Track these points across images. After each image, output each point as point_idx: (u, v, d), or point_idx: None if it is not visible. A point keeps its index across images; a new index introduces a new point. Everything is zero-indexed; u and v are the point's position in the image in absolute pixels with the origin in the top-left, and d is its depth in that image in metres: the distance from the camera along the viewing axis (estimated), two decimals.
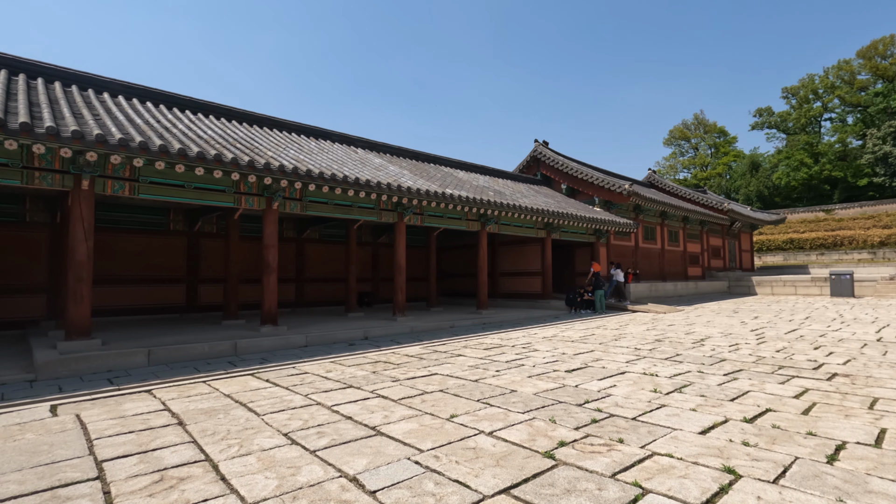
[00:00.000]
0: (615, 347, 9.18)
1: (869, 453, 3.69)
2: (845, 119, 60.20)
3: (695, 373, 6.77)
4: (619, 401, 5.32)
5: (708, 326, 12.45)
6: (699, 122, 74.10)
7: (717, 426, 4.38)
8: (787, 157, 58.98)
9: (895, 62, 54.36)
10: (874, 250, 41.48)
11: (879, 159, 48.35)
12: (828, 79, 60.13)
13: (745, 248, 39.38)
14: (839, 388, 5.81)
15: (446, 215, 14.67)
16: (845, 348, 8.71)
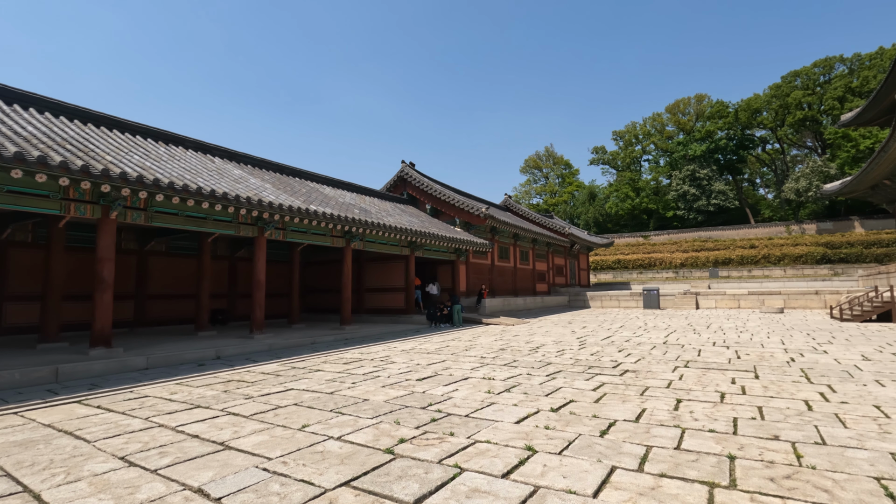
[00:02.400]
0: (464, 357, 10.16)
1: (629, 427, 4.89)
2: (658, 161, 72.90)
3: (524, 375, 7.92)
4: (457, 402, 6.09)
5: (545, 336, 14.28)
6: (549, 155, 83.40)
7: (530, 416, 5.35)
8: (617, 190, 69.30)
9: (691, 118, 67.69)
10: (677, 270, 50.66)
11: (680, 196, 59.48)
12: (646, 127, 72.42)
13: (583, 266, 45.18)
14: (626, 381, 7.34)
15: (311, 231, 14.63)
16: (640, 350, 10.82)
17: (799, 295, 26.96)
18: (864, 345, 11.06)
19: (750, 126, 60.50)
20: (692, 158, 59.81)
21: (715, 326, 16.50)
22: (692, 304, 28.62)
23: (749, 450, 4.15)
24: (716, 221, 59.37)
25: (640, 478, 3.57)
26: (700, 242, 53.52)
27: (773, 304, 26.67)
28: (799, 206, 55.16)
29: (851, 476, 3.56)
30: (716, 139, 60.37)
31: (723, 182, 59.04)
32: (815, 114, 54.08)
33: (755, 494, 3.27)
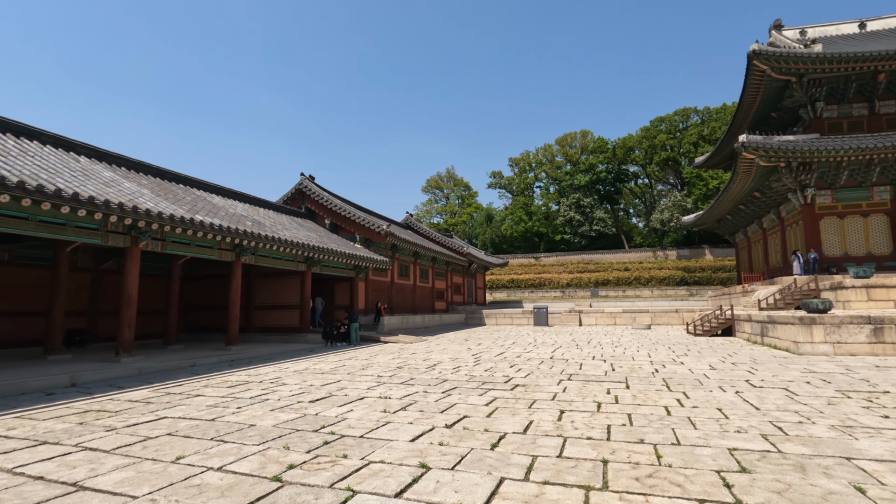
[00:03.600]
0: (361, 376, 9.95)
1: (518, 439, 5.15)
2: (549, 188, 78.64)
3: (421, 393, 7.97)
4: (352, 423, 5.94)
5: (442, 353, 14.52)
6: (450, 176, 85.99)
7: (426, 433, 5.39)
8: (512, 213, 73.35)
9: (577, 151, 74.28)
10: (564, 289, 54.65)
11: (567, 221, 64.65)
12: (538, 156, 77.97)
13: (480, 285, 46.87)
14: (516, 395, 7.73)
15: (195, 243, 13.48)
16: (530, 365, 11.46)
17: (663, 313, 30.52)
18: (711, 356, 12.83)
19: (625, 162, 67.98)
20: (578, 187, 65.49)
21: (595, 342, 18.03)
22: (576, 321, 31.00)
23: (619, 453, 4.60)
24: (597, 246, 65.28)
25: (526, 487, 3.78)
26: (584, 264, 58.41)
27: (643, 321, 29.87)
28: (663, 235, 62.77)
29: (699, 471, 4.10)
30: (597, 171, 66.81)
31: (603, 210, 65.31)
32: (676, 155, 62.44)
33: (623, 493, 3.63)
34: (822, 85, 26.75)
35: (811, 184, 25.49)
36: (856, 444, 4.80)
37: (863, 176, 24.92)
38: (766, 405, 6.70)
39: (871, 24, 32.66)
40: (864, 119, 26.81)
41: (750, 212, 34.39)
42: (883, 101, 26.66)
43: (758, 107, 29.85)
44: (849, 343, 12.23)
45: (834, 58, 24.24)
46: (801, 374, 9.49)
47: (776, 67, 25.33)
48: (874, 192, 25.09)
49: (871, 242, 25.01)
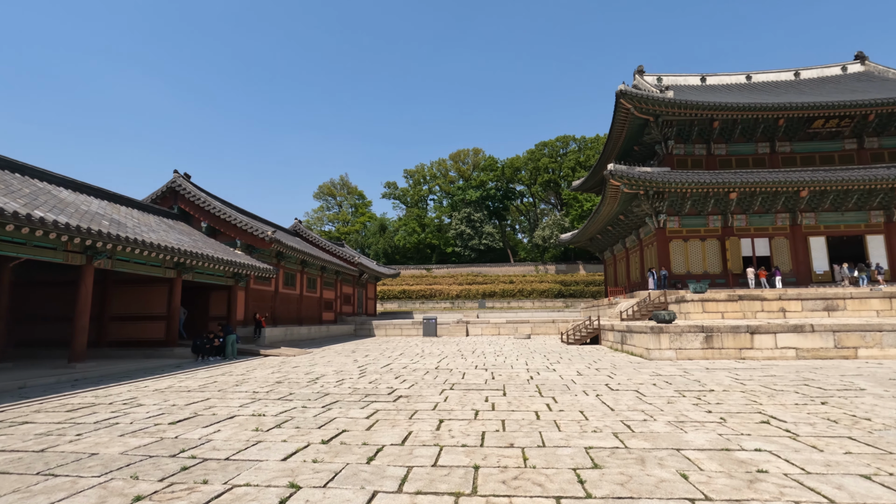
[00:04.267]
0: (234, 393, 9.24)
1: (395, 450, 5.16)
2: (442, 202, 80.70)
3: (299, 408, 7.62)
4: (218, 444, 5.48)
5: (327, 366, 14.05)
6: (344, 184, 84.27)
7: (299, 451, 5.16)
8: (405, 224, 73.88)
9: (469, 167, 77.39)
10: (453, 301, 56.17)
11: (459, 234, 66.83)
12: (432, 170, 79.77)
13: (371, 296, 46.33)
14: (399, 406, 7.74)
15: (31, 242, 11.54)
16: (415, 376, 11.57)
17: (542, 323, 32.80)
18: (579, 363, 14.06)
19: (513, 181, 72.36)
20: (469, 202, 68.11)
21: (479, 352, 18.77)
22: (463, 332, 32.01)
23: (490, 458, 4.83)
24: (485, 259, 68.28)
25: (399, 498, 3.80)
26: (472, 276, 60.66)
27: (524, 331, 31.79)
28: (544, 251, 67.70)
29: (558, 470, 4.46)
30: (487, 188, 70.19)
31: (492, 225, 68.64)
32: (557, 177, 68.04)
33: (490, 497, 3.81)
34: (673, 126, 31.11)
35: (663, 210, 29.37)
36: (685, 437, 5.58)
37: (701, 206, 29.34)
38: (620, 406, 7.52)
39: (710, 79, 38.85)
40: (703, 158, 31.69)
41: (616, 232, 38.60)
42: (717, 144, 31.75)
43: (624, 140, 33.78)
44: (687, 349, 14.23)
45: (681, 104, 28.36)
46: (650, 377, 10.82)
47: (638, 107, 28.93)
48: (710, 220, 29.66)
49: (708, 262, 29.46)
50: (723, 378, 10.40)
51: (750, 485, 4.02)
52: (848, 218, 28.74)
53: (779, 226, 29.14)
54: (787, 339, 13.93)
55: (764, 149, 31.32)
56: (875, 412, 6.82)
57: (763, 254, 29.16)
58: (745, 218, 29.35)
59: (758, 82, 37.97)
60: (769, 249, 29.14)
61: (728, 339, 14.11)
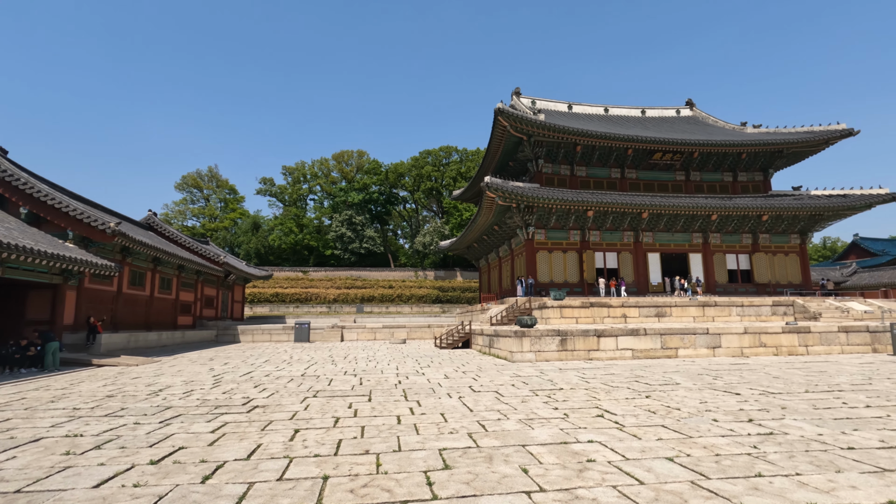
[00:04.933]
0: (47, 411, 7.79)
1: (238, 466, 4.73)
2: (323, 202, 78.02)
3: (130, 425, 6.66)
4: (8, 475, 4.53)
5: (175, 376, 12.57)
6: (213, 176, 77.14)
7: (119, 475, 4.48)
8: (282, 224, 69.96)
9: (353, 169, 76.00)
10: (330, 305, 54.43)
11: (339, 237, 65.12)
12: (314, 168, 76.81)
13: (238, 299, 42.87)
14: (252, 417, 7.17)
15: None
16: (277, 384, 10.87)
17: (418, 328, 33.22)
18: (448, 366, 14.46)
19: (396, 186, 72.68)
20: (351, 205, 66.80)
21: (351, 357, 18.35)
22: (338, 337, 31.11)
23: (342, 467, 4.67)
24: (365, 263, 67.43)
25: None
26: (352, 280, 59.46)
27: (400, 336, 31.92)
28: (424, 257, 68.98)
29: (410, 473, 4.46)
30: (370, 192, 69.56)
31: (373, 229, 68.07)
32: (439, 186, 69.94)
33: None
34: (543, 146, 33.85)
35: (532, 223, 31.72)
36: (531, 433, 5.98)
37: (564, 221, 32.28)
38: (479, 407, 7.84)
39: (576, 108, 43.11)
40: (567, 178, 34.95)
41: (491, 242, 40.75)
42: (579, 166, 35.26)
43: (500, 155, 35.88)
44: (545, 351, 15.45)
45: (551, 127, 30.99)
46: (510, 378, 11.50)
47: (513, 126, 30.95)
48: (571, 234, 32.75)
49: (568, 272, 32.45)
50: (572, 377, 11.45)
51: (579, 473, 4.41)
52: (677, 238, 33.82)
53: (625, 242, 33.23)
54: (626, 342, 15.87)
55: (616, 174, 35.56)
56: (684, 403, 8.02)
57: (612, 266, 32.99)
58: (599, 234, 32.95)
59: (613, 115, 43.09)
60: (617, 262, 33.06)
61: (579, 342, 15.63)
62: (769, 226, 33.92)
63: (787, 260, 34.62)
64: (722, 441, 5.54)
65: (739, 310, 22.68)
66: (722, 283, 33.59)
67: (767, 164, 36.52)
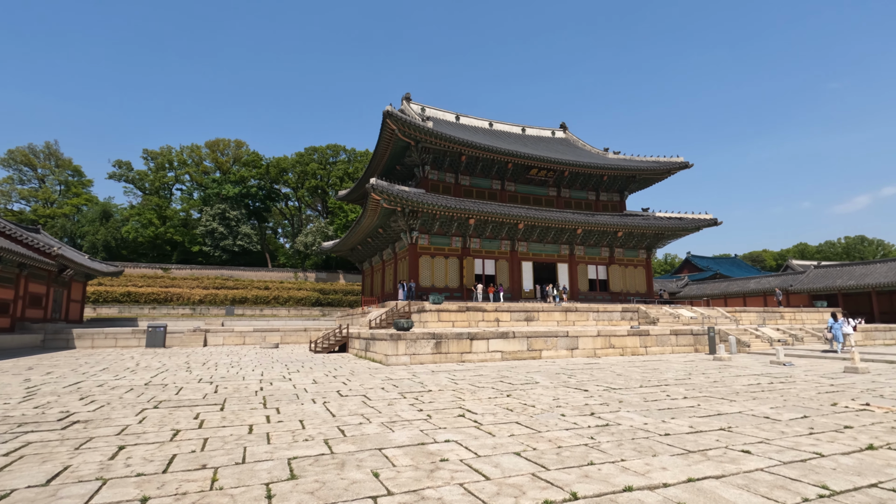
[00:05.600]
0: None
1: (30, 495, 3.93)
2: (192, 193, 70.76)
3: None
4: None
5: None
6: (51, 153, 65.77)
7: None
8: (139, 214, 61.97)
9: (229, 160, 70.21)
10: (195, 306, 49.38)
11: (209, 232, 59.51)
12: (182, 155, 69.39)
13: (77, 298, 36.93)
14: (67, 435, 6.08)
15: None
16: (110, 395, 9.43)
17: (294, 332, 31.55)
18: (319, 371, 13.86)
19: (278, 181, 68.65)
20: (225, 198, 61.53)
21: (211, 363, 16.73)
22: (201, 342, 28.27)
23: (169, 486, 4.11)
24: (239, 262, 62.51)
25: None
26: (222, 280, 54.67)
27: (273, 340, 30.01)
28: (306, 257, 66.03)
29: (249, 487, 4.07)
30: (248, 185, 64.81)
31: (250, 226, 63.43)
32: (325, 185, 67.57)
33: None
34: (430, 153, 34.47)
35: (416, 228, 32.05)
36: (391, 436, 5.90)
37: (447, 227, 33.14)
38: (343, 412, 7.57)
39: (463, 119, 44.67)
40: (452, 186, 36.01)
41: (375, 245, 40.34)
42: (463, 175, 36.53)
43: (388, 158, 35.77)
44: (420, 354, 15.59)
45: (439, 135, 31.69)
46: (382, 381, 11.36)
47: (402, 130, 31.07)
48: (453, 240, 33.71)
49: (449, 278, 33.31)
50: (442, 379, 11.66)
51: (430, 474, 4.41)
52: (548, 249, 36.63)
53: (502, 250, 35.12)
54: (497, 344, 16.67)
55: (497, 185, 37.50)
56: (540, 400, 8.57)
57: (490, 273, 34.63)
58: (479, 241, 34.39)
59: (497, 130, 45.48)
60: (495, 269, 34.79)
61: (453, 345, 16.04)
62: (623, 241, 38.33)
63: (636, 272, 39.42)
64: (565, 434, 5.98)
65: (596, 315, 25.21)
66: (584, 290, 37.10)
67: (623, 186, 41.34)
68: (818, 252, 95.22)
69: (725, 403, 8.20)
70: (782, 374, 12.55)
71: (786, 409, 7.62)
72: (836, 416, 7.07)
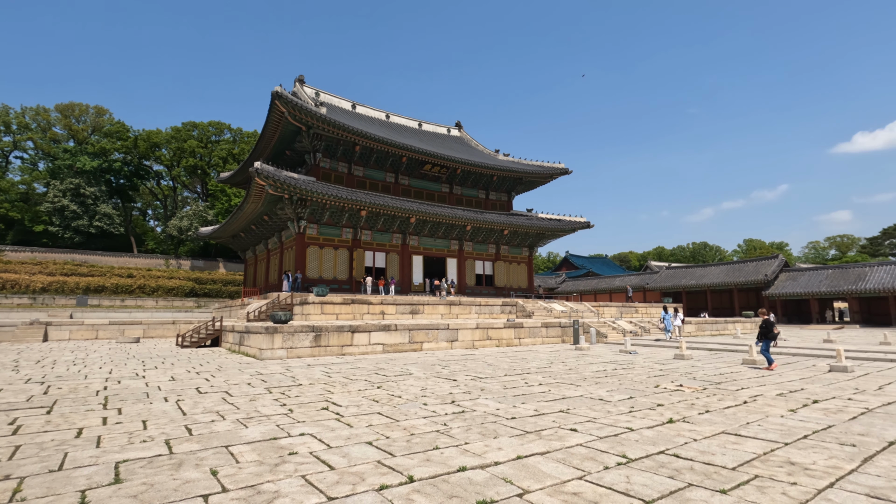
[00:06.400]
0: None
1: None
2: (36, 164, 60.62)
3: None
4: None
5: None
6: None
7: None
8: None
9: (87, 128, 61.27)
10: (37, 296, 42.52)
11: (58, 210, 51.47)
12: (24, 118, 59.06)
13: None
14: None
15: None
16: None
17: (160, 325, 28.67)
18: (181, 367, 12.82)
19: (148, 157, 61.45)
20: (81, 172, 53.60)
21: (49, 361, 14.62)
22: (40, 336, 24.49)
23: None
24: (97, 245, 55.02)
25: None
26: (73, 266, 47.70)
27: (133, 333, 26.99)
28: (180, 243, 60.15)
29: (59, 496, 3.70)
30: (111, 159, 57.18)
31: (111, 206, 56.06)
32: (205, 165, 61.96)
33: None
34: (323, 140, 33.36)
35: (305, 217, 30.88)
36: (243, 433, 5.71)
37: (338, 218, 32.40)
38: (196, 410, 7.13)
39: (360, 108, 43.84)
40: (345, 175, 35.23)
41: (260, 232, 38.08)
42: (357, 165, 35.91)
43: (276, 141, 33.93)
44: (298, 347, 15.13)
45: (332, 122, 30.77)
46: (251, 377, 10.85)
47: (292, 113, 29.65)
48: (344, 231, 33.05)
49: (338, 269, 32.62)
50: (316, 373, 11.47)
51: (274, 468, 4.37)
52: (438, 244, 37.50)
53: (394, 244, 35.23)
54: (379, 337, 16.77)
55: (391, 178, 37.47)
56: (408, 391, 8.84)
57: (381, 266, 34.56)
58: (371, 234, 34.12)
59: (394, 122, 45.37)
60: (386, 262, 34.79)
61: (334, 338, 15.81)
62: (509, 239, 40.58)
63: (519, 268, 42.02)
64: (422, 422, 6.27)
65: (478, 308, 26.47)
66: (471, 285, 38.65)
67: (511, 187, 43.74)
68: (672, 255, 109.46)
69: (572, 388, 9.17)
70: (626, 362, 14.32)
71: (618, 392, 8.74)
72: (655, 396, 8.29)
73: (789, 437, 5.55)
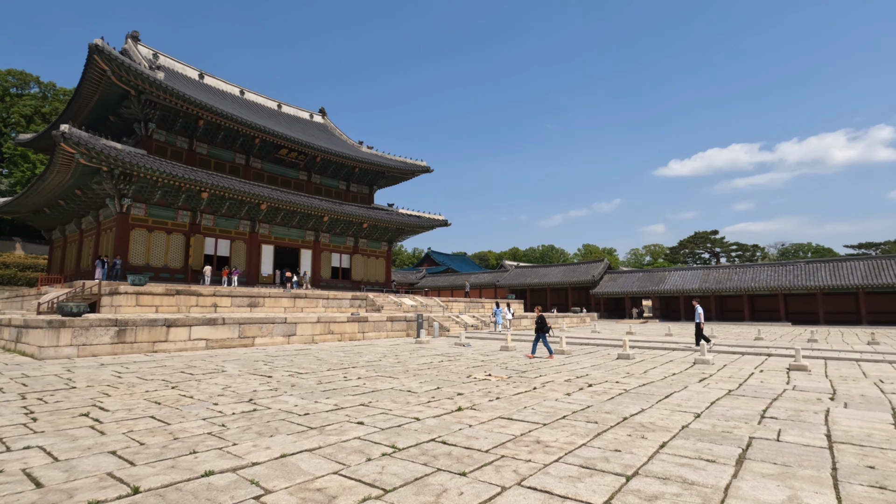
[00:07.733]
0: None
1: None
2: None
3: None
4: None
5: None
6: None
7: None
8: None
9: None
10: None
11: None
12: None
13: None
14: None
15: None
16: None
17: None
18: None
19: None
20: None
21: None
22: None
23: None
24: None
25: None
26: None
27: None
28: None
29: None
30: None
31: None
32: (1, 124, 50.49)
33: None
34: (158, 109, 29.37)
35: (129, 195, 26.88)
36: None
37: (173, 199, 28.83)
38: None
39: (208, 79, 39.57)
40: (184, 152, 31.47)
41: (70, 209, 32.23)
42: (200, 142, 32.35)
43: (96, 104, 28.99)
44: (94, 345, 13.01)
45: (168, 89, 27.18)
46: (10, 380, 8.98)
47: (117, 73, 25.50)
48: (179, 214, 29.53)
49: (171, 256, 29.04)
50: (105, 374, 9.94)
51: None
52: (292, 233, 35.60)
53: (241, 231, 32.53)
54: (202, 332, 15.23)
55: (241, 160, 34.50)
56: (206, 390, 8.09)
57: (224, 254, 31.64)
58: (213, 218, 31.02)
59: (249, 100, 41.90)
60: (230, 251, 31.94)
61: (143, 333, 13.94)
62: (368, 233, 40.23)
63: (378, 262, 41.94)
64: (197, 424, 5.72)
65: (326, 302, 25.70)
66: (326, 278, 37.47)
67: (373, 181, 43.42)
68: (524, 255, 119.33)
69: (388, 381, 9.27)
70: (456, 353, 15.06)
71: (430, 383, 9.06)
72: (461, 386, 8.76)
73: (551, 418, 6.22)
